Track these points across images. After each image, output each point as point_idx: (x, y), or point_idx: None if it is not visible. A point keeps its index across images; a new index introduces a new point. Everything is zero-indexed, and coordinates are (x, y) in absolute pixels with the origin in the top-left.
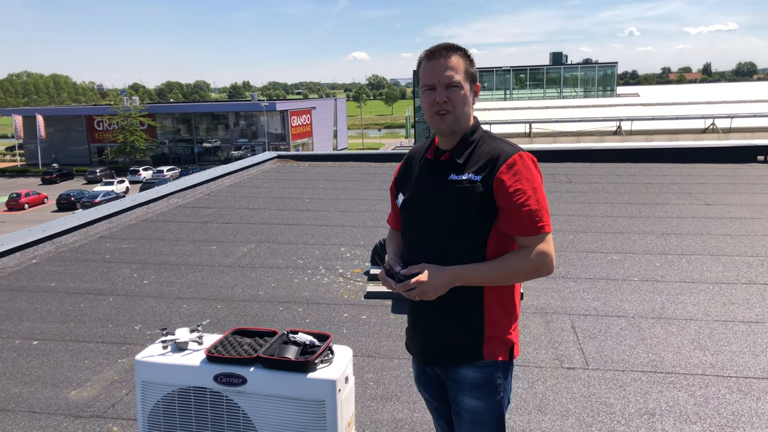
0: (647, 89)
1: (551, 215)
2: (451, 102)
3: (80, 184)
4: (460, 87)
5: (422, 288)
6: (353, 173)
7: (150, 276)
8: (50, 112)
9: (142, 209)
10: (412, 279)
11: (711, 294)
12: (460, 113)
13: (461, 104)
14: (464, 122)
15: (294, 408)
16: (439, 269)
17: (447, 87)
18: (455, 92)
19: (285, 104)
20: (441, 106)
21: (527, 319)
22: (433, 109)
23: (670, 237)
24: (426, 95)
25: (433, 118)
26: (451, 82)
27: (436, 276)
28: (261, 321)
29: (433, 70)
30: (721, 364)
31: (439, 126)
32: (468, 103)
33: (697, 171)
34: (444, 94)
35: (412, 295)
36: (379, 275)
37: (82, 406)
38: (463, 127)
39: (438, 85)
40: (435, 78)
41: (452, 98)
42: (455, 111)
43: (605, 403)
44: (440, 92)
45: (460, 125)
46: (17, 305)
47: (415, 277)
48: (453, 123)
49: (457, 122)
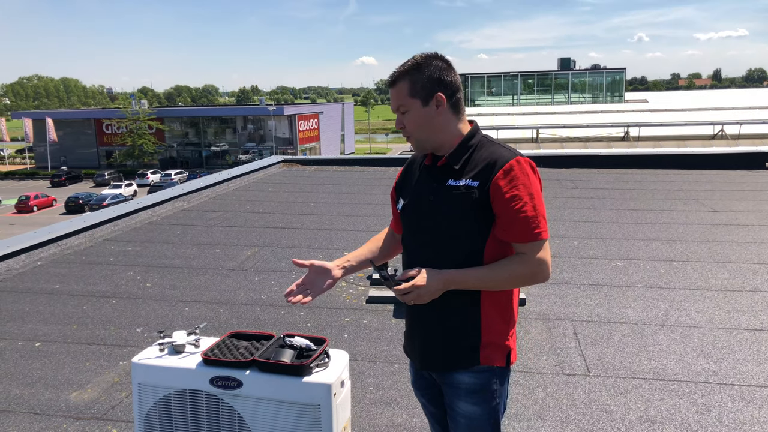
0: (656, 95)
1: (557, 221)
2: (407, 128)
3: (89, 187)
4: (408, 109)
5: (417, 292)
6: (359, 178)
7: (153, 279)
8: (60, 116)
9: (148, 212)
10: (407, 283)
11: (716, 301)
12: (419, 135)
13: (416, 125)
14: (433, 138)
15: (289, 411)
16: (434, 273)
17: (401, 113)
18: (407, 117)
19: (293, 109)
20: (403, 131)
21: (529, 325)
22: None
23: (676, 244)
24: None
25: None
26: (398, 109)
27: (431, 280)
28: (262, 325)
29: (391, 97)
30: (724, 371)
31: (413, 147)
32: (428, 119)
33: (705, 177)
34: (401, 121)
35: (408, 299)
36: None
37: (82, 407)
38: (436, 142)
39: (396, 112)
40: (392, 105)
41: (405, 122)
42: (414, 134)
43: (606, 410)
44: (398, 119)
45: (427, 143)
46: (21, 307)
47: (411, 281)
48: (417, 143)
49: (420, 142)
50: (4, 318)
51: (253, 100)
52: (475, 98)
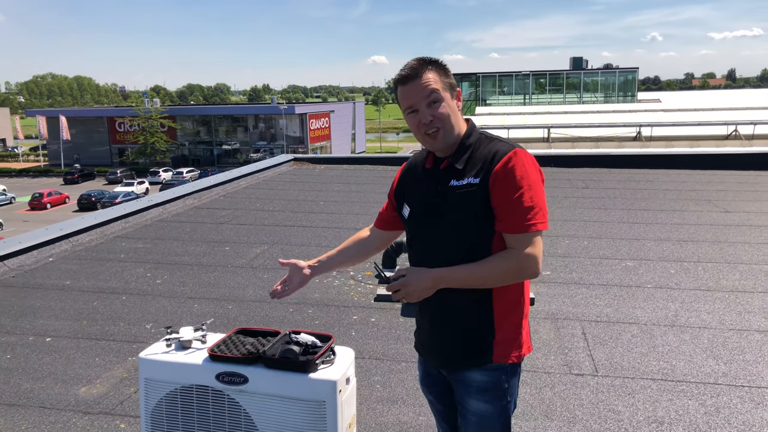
0: (669, 95)
1: (567, 221)
2: (438, 118)
3: (101, 185)
4: (442, 100)
5: (405, 290)
6: (368, 176)
7: (163, 276)
8: (73, 114)
9: (158, 210)
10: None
11: (726, 302)
12: (449, 126)
13: (447, 117)
14: (456, 132)
15: (295, 408)
16: (422, 271)
17: (429, 105)
18: (438, 107)
19: (304, 107)
20: (428, 125)
21: (537, 325)
22: (421, 130)
23: (687, 244)
24: (411, 118)
25: (425, 138)
26: (431, 98)
27: (419, 278)
28: (271, 322)
29: (411, 91)
30: (733, 373)
31: (432, 145)
32: (454, 113)
33: (717, 178)
34: (428, 114)
35: (398, 296)
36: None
37: (91, 402)
38: (457, 136)
39: (419, 105)
40: (414, 99)
41: (437, 114)
42: (444, 125)
43: (613, 410)
44: (424, 112)
45: (452, 136)
46: (33, 302)
47: (399, 280)
48: (445, 138)
49: (448, 136)
50: (15, 313)
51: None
52: (487, 97)
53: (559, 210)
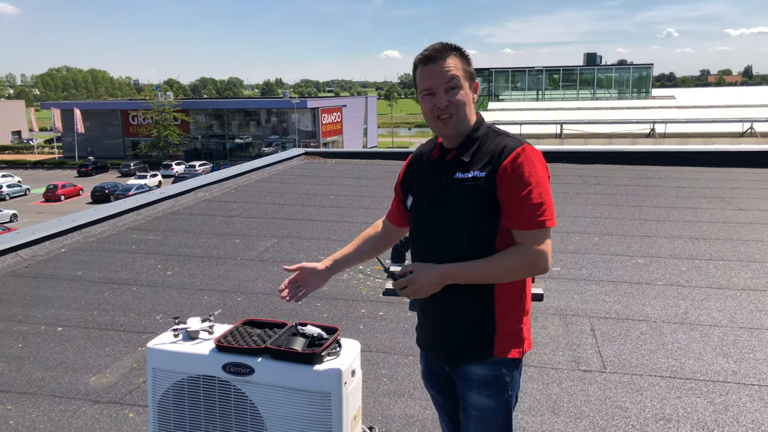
0: (684, 92)
1: (578, 217)
2: (454, 104)
3: (114, 177)
4: (460, 87)
5: (413, 286)
6: (379, 171)
7: (174, 267)
8: (87, 107)
9: (170, 202)
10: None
11: (738, 300)
12: (463, 114)
13: (463, 105)
14: (468, 122)
15: (300, 399)
16: (430, 267)
17: (447, 90)
18: (456, 94)
19: (316, 102)
20: (443, 110)
21: (546, 321)
22: (434, 113)
23: (699, 242)
24: (426, 100)
25: (436, 123)
26: (451, 84)
27: (427, 273)
28: (279, 314)
29: (432, 73)
30: (743, 371)
31: (442, 130)
32: (469, 103)
33: (732, 175)
34: (445, 98)
35: (405, 293)
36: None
37: (101, 391)
38: (468, 126)
39: (437, 89)
40: (433, 82)
41: (453, 101)
42: (458, 113)
43: (621, 407)
44: (441, 97)
45: (464, 125)
46: (45, 292)
47: (406, 277)
48: (457, 124)
49: (461, 123)
50: (28, 303)
51: (277, 93)
52: (499, 93)
53: (570, 206)
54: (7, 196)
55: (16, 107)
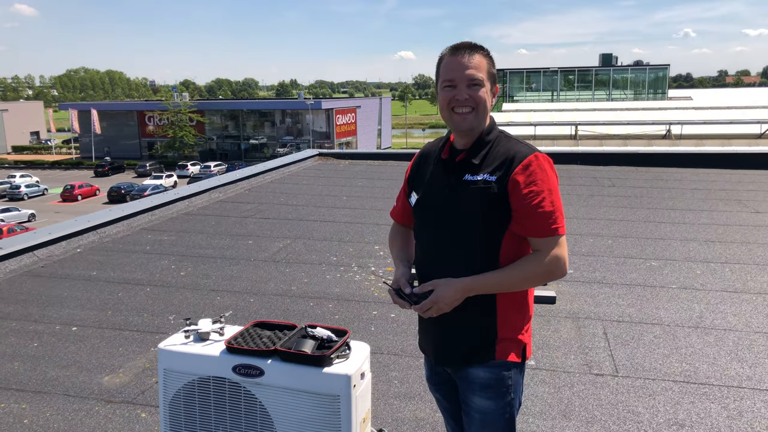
0: (701, 92)
1: (592, 219)
2: (474, 99)
3: (130, 178)
4: (482, 85)
5: (438, 306)
6: (392, 172)
7: (187, 268)
8: (104, 107)
9: (184, 203)
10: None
11: (754, 304)
12: (482, 112)
13: (482, 102)
14: (483, 121)
15: (309, 401)
16: (450, 282)
17: (469, 85)
18: (477, 90)
19: (330, 103)
20: (462, 103)
21: (558, 324)
22: (451, 105)
23: (714, 245)
24: (445, 92)
25: (452, 116)
26: (474, 80)
27: (449, 290)
28: (291, 316)
29: (456, 66)
30: (758, 376)
31: (458, 124)
32: (488, 103)
33: (748, 178)
34: (465, 92)
35: (430, 314)
36: (388, 292)
37: (114, 391)
38: (482, 126)
39: (459, 82)
40: (457, 74)
41: (474, 96)
42: (478, 109)
43: (633, 411)
44: (461, 90)
45: (480, 123)
46: (60, 292)
47: (429, 298)
48: (473, 120)
49: (477, 120)
50: (43, 302)
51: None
52: (514, 93)
53: (584, 208)
54: (26, 196)
55: (35, 108)
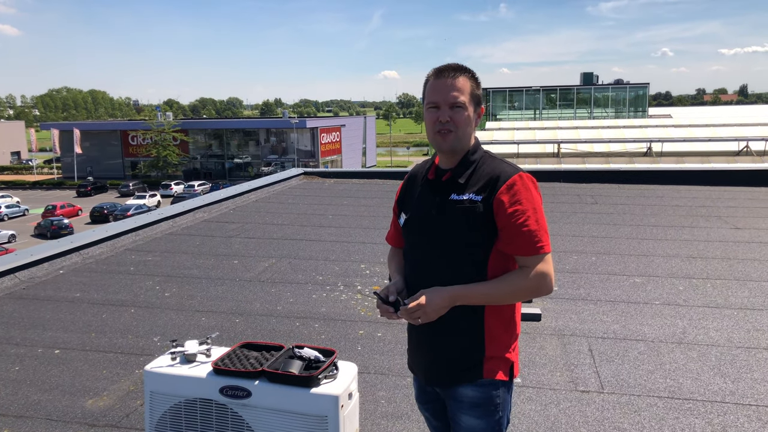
0: (680, 110)
1: (575, 236)
2: (454, 122)
3: (113, 197)
4: (465, 108)
5: (423, 310)
6: (378, 191)
7: (172, 289)
8: (87, 127)
9: (168, 223)
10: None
11: (735, 320)
12: (462, 134)
13: (464, 125)
14: (465, 142)
15: (297, 422)
16: (438, 290)
17: (452, 107)
18: (459, 113)
19: (315, 121)
20: (443, 125)
21: (543, 341)
22: (436, 127)
23: (696, 260)
24: (430, 113)
25: (435, 137)
26: (456, 102)
27: (436, 297)
28: (277, 336)
29: (440, 88)
30: (741, 391)
31: (440, 145)
32: (471, 125)
33: (728, 194)
34: (448, 114)
35: (414, 318)
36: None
37: (98, 415)
38: (464, 147)
39: (442, 104)
40: (440, 97)
41: (455, 119)
42: (457, 131)
43: (619, 428)
44: (444, 111)
45: (460, 145)
46: (42, 314)
47: (415, 301)
48: (454, 142)
49: (458, 141)
50: (25, 325)
51: (277, 112)
52: (497, 112)
53: (567, 226)
54: (6, 217)
55: (16, 128)
